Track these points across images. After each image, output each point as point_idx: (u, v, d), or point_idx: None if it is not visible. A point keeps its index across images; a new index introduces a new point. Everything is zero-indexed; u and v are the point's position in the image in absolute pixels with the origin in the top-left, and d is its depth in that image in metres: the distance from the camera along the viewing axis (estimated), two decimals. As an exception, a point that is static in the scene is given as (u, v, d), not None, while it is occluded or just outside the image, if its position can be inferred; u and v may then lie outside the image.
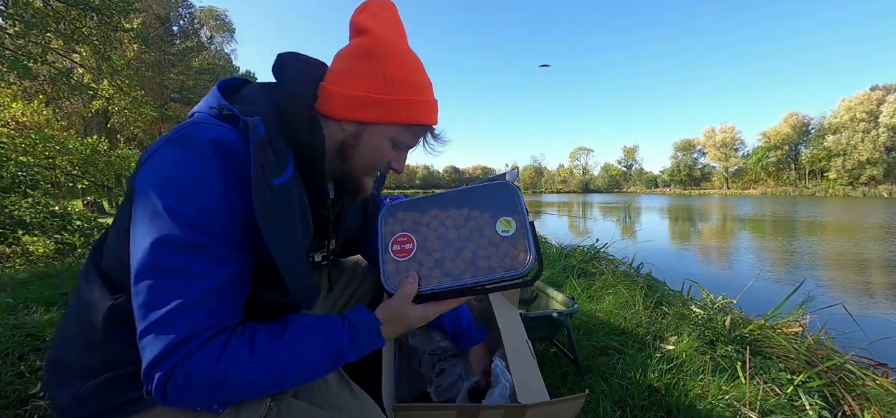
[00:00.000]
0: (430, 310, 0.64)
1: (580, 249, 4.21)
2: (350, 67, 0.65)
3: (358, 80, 0.64)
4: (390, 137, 0.68)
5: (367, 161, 0.69)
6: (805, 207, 21.81)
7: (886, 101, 53.50)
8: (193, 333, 0.50)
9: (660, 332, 2.03)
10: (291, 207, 0.59)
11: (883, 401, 1.55)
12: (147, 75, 12.42)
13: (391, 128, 0.66)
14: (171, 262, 0.49)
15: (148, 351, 0.49)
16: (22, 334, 1.52)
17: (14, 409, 1.15)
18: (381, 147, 0.68)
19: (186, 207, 0.50)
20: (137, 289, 0.50)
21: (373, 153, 0.68)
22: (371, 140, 0.67)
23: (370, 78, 0.64)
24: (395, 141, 0.68)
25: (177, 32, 23.31)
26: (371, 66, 0.64)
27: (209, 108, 0.58)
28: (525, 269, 0.60)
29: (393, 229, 0.67)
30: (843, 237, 9.17)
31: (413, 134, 0.70)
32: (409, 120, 0.66)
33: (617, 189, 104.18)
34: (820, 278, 5.15)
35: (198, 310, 0.50)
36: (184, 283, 0.50)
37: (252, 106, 0.60)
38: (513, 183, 0.68)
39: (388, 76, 0.64)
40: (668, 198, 43.66)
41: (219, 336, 0.53)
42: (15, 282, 2.75)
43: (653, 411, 1.37)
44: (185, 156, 0.51)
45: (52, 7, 6.11)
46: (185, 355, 0.50)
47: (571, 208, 24.12)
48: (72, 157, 6.17)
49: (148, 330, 0.49)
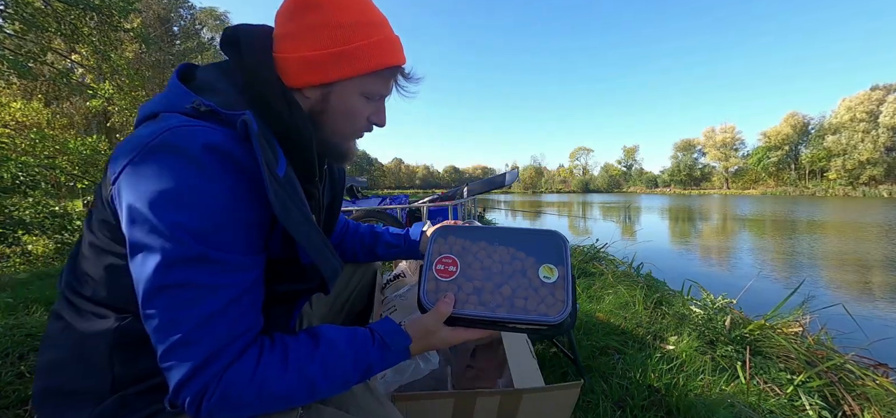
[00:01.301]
0: (457, 335, 0.63)
1: (580, 249, 4.21)
2: (294, 28, 0.59)
3: (306, 39, 0.58)
4: (360, 92, 0.62)
5: (342, 125, 0.64)
6: (805, 207, 21.82)
7: (886, 101, 53.53)
8: (219, 349, 0.48)
9: (660, 332, 2.03)
10: (298, 192, 0.58)
11: (883, 401, 1.55)
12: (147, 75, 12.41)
13: (357, 81, 0.61)
14: (184, 279, 0.47)
15: (174, 373, 0.47)
16: (22, 334, 1.52)
17: (14, 409, 1.15)
18: (353, 105, 0.62)
19: (193, 221, 0.47)
20: (151, 313, 0.47)
21: (346, 115, 0.63)
22: (340, 101, 0.61)
23: (318, 32, 0.57)
24: (367, 94, 0.63)
25: (177, 32, 23.34)
26: (315, 18, 0.57)
27: (181, 106, 0.53)
28: (559, 318, 0.61)
29: (440, 249, 0.68)
30: (843, 237, 9.17)
31: (382, 80, 0.63)
32: (373, 67, 0.60)
33: (617, 189, 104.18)
34: (820, 278, 5.15)
35: (219, 323, 0.48)
36: (199, 298, 0.47)
37: (222, 96, 0.56)
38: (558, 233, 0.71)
39: (336, 24, 0.57)
40: (668, 198, 43.67)
41: (249, 350, 0.51)
42: (15, 282, 2.75)
43: (653, 411, 1.37)
44: (180, 167, 0.47)
45: (52, 7, 6.12)
46: (215, 373, 0.48)
47: (571, 208, 24.12)
48: (72, 157, 6.18)
49: (170, 352, 0.47)
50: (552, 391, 0.79)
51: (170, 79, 0.58)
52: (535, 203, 32.33)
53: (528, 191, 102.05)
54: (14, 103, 6.64)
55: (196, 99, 0.52)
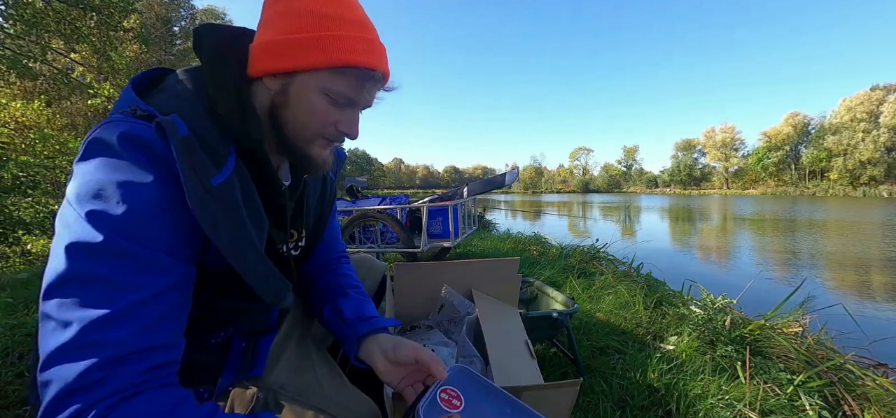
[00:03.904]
0: None
1: (580, 249, 4.21)
2: (270, 14, 0.55)
3: (273, 24, 0.55)
4: (321, 88, 0.55)
5: (301, 123, 0.57)
6: (805, 207, 21.81)
7: (886, 101, 53.53)
8: (123, 356, 0.41)
9: (660, 332, 2.03)
10: (238, 207, 0.52)
11: (883, 401, 1.55)
12: (147, 75, 12.42)
13: (316, 75, 0.54)
14: (93, 271, 0.41)
15: (51, 388, 0.38)
16: (22, 334, 1.52)
17: (14, 409, 1.15)
18: (312, 102, 0.55)
19: (110, 209, 0.42)
20: (44, 312, 0.40)
21: (305, 111, 0.56)
22: (299, 93, 0.55)
23: (285, 18, 0.54)
24: (329, 93, 0.55)
25: (177, 32, 23.33)
26: (289, 4, 0.54)
27: (121, 108, 0.50)
28: None
29: (454, 381, 0.63)
30: (843, 236, 9.17)
31: (347, 81, 0.55)
32: (333, 61, 0.53)
33: (617, 189, 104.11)
34: (820, 278, 5.15)
35: (127, 325, 0.41)
36: (108, 296, 0.41)
37: (174, 99, 0.52)
38: None
39: (307, 12, 0.53)
40: (668, 198, 43.65)
41: (161, 387, 0.44)
42: (15, 282, 2.75)
43: (653, 411, 1.37)
44: (101, 160, 0.44)
45: (53, 7, 6.12)
46: (106, 395, 0.39)
47: (571, 208, 24.11)
48: (72, 157, 6.17)
49: (60, 353, 0.39)
50: (552, 389, 0.79)
51: None
52: (534, 203, 32.32)
53: (527, 191, 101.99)
54: (14, 104, 6.63)
55: (135, 101, 0.50)
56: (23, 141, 6.09)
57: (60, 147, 6.12)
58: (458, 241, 3.52)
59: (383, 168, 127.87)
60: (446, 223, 3.35)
